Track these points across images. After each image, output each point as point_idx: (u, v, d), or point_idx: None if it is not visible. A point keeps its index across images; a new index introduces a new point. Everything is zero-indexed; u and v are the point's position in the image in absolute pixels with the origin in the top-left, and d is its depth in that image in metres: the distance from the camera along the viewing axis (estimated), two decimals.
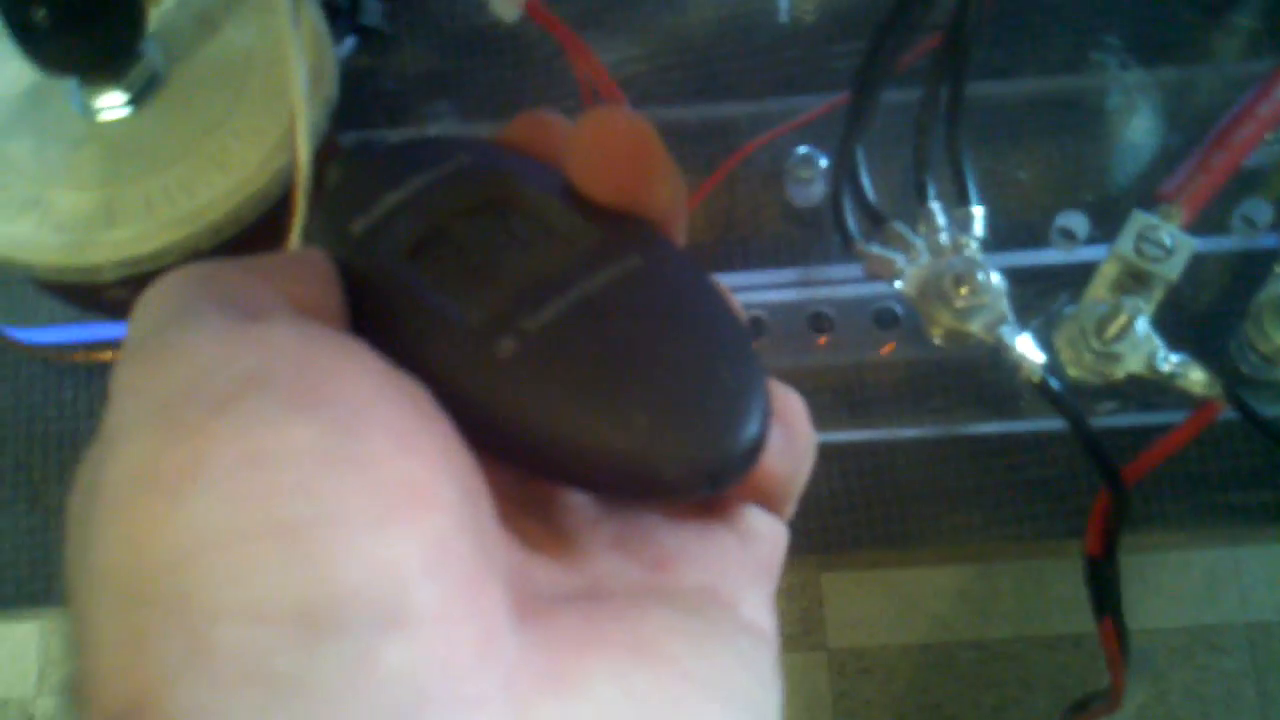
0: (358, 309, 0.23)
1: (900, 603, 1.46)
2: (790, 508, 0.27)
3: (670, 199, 0.24)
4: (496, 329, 0.21)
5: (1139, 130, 0.48)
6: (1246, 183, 0.46)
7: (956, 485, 0.46)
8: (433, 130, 0.50)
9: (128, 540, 0.16)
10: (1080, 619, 0.58)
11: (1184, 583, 1.35)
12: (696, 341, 0.22)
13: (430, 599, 0.16)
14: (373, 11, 0.50)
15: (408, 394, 0.19)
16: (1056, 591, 1.38)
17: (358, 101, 0.50)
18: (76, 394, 0.49)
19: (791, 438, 0.25)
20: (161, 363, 0.18)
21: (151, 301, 0.20)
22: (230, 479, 0.16)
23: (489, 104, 0.51)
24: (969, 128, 0.46)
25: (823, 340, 0.44)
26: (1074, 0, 0.51)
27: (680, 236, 0.25)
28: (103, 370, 0.49)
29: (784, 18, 0.51)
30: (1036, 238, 0.47)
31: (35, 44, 0.38)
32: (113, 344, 0.49)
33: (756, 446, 0.22)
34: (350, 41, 0.49)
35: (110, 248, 0.39)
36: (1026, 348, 0.41)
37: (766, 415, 0.22)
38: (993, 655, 1.41)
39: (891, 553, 0.46)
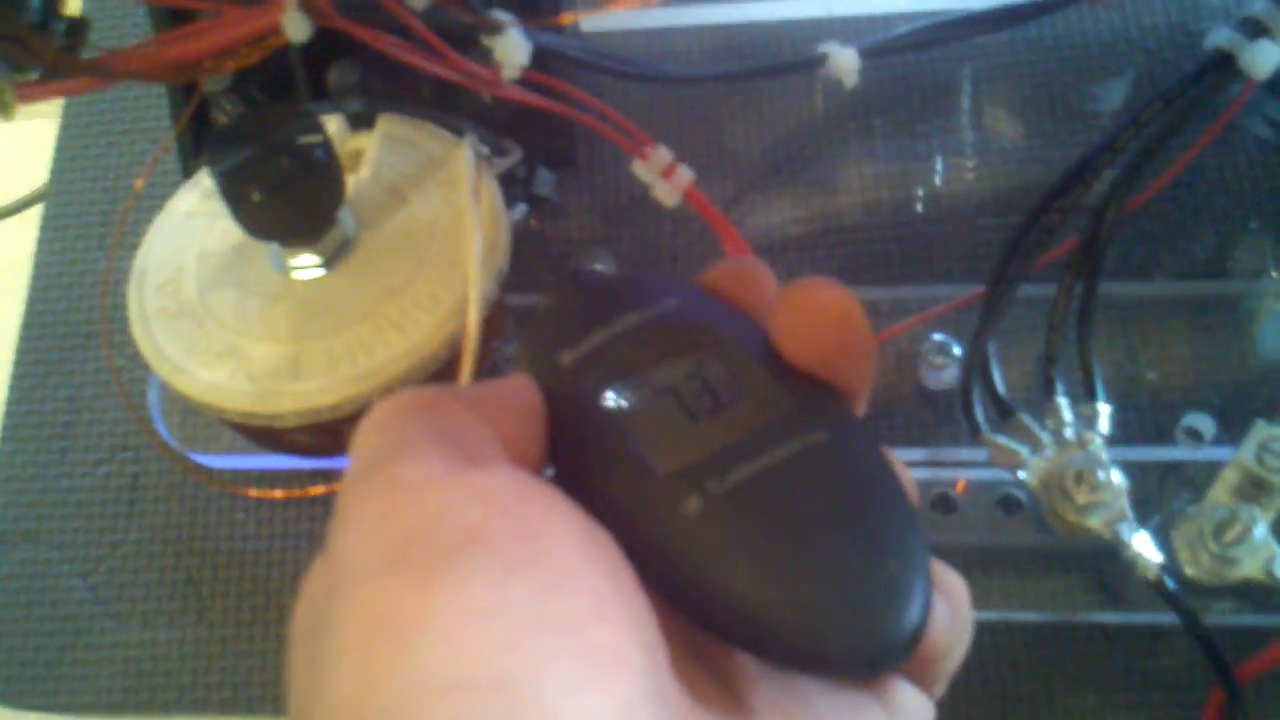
0: (558, 435, 0.25)
1: None
2: (941, 687, 0.28)
3: (863, 373, 0.26)
4: (686, 486, 0.23)
5: (1272, 335, 0.50)
6: None
7: (1073, 670, 0.47)
8: None
9: (362, 678, 0.18)
10: None
11: None
12: (869, 525, 0.24)
13: None
14: (545, 182, 0.54)
15: (606, 557, 0.21)
16: None
17: (524, 262, 0.54)
18: (247, 516, 0.54)
19: (952, 618, 0.26)
20: (391, 503, 0.20)
21: (373, 429, 0.22)
22: (455, 631, 0.18)
23: (645, 264, 0.55)
24: (1102, 323, 0.48)
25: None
26: (1220, 201, 0.53)
27: (863, 408, 0.27)
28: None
29: (921, 207, 0.54)
30: (1163, 436, 0.48)
31: (247, 215, 0.43)
32: (282, 475, 0.53)
33: (915, 637, 0.23)
34: (521, 208, 0.53)
35: (294, 398, 0.43)
36: (1144, 546, 0.42)
37: (927, 607, 0.24)
38: None
39: None
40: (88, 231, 0.60)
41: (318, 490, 0.53)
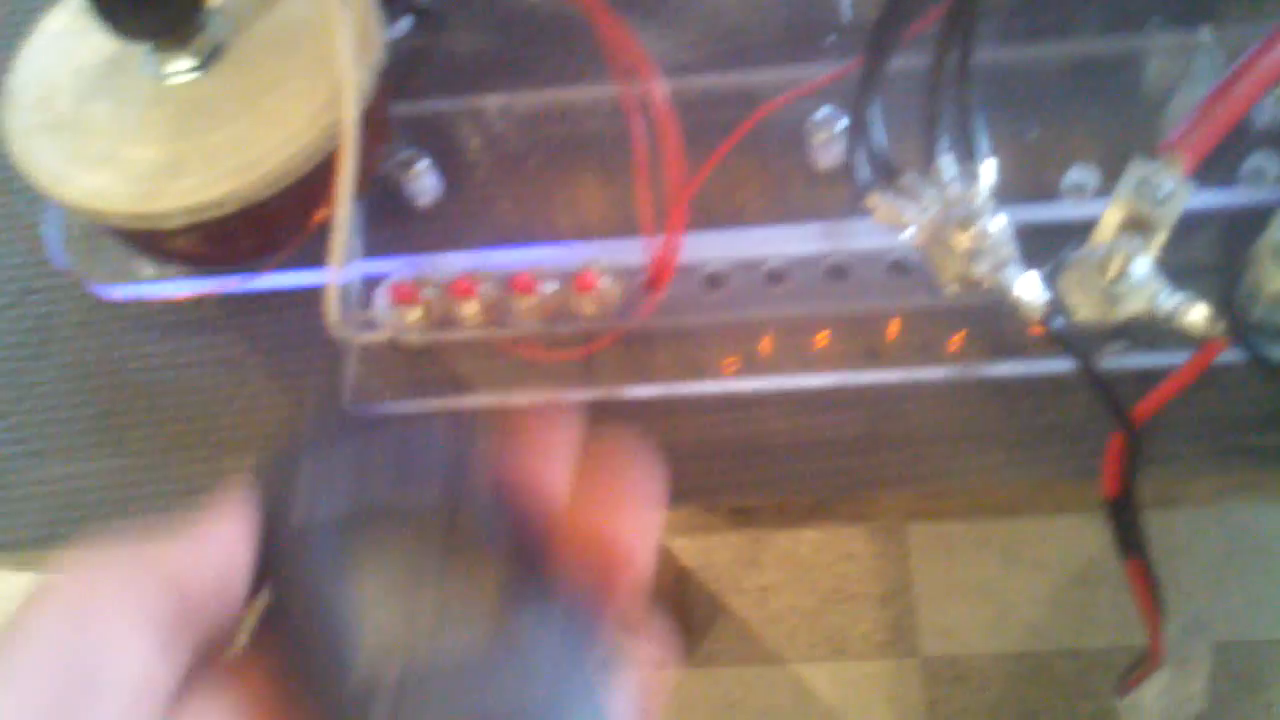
0: (280, 594, 0.25)
1: (995, 610, 1.45)
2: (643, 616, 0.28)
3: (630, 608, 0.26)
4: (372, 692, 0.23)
5: (1155, 89, 0.50)
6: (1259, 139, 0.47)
7: (976, 428, 0.48)
8: (486, 99, 0.53)
9: None
10: None
11: None
12: None
13: None
14: None
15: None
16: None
17: (413, 77, 0.54)
18: (158, 347, 0.54)
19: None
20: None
21: (15, 622, 0.23)
22: None
23: (532, 77, 0.55)
24: (987, 93, 0.48)
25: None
26: None
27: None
28: (179, 322, 0.53)
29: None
30: (1050, 194, 0.48)
31: (112, 15, 0.42)
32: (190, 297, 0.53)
33: None
34: (406, 21, 0.53)
35: (176, 195, 0.43)
36: (1029, 288, 0.43)
37: None
38: (1090, 664, 1.40)
39: (909, 492, 0.48)
40: None
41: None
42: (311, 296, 0.47)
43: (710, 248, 0.47)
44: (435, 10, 0.54)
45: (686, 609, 1.72)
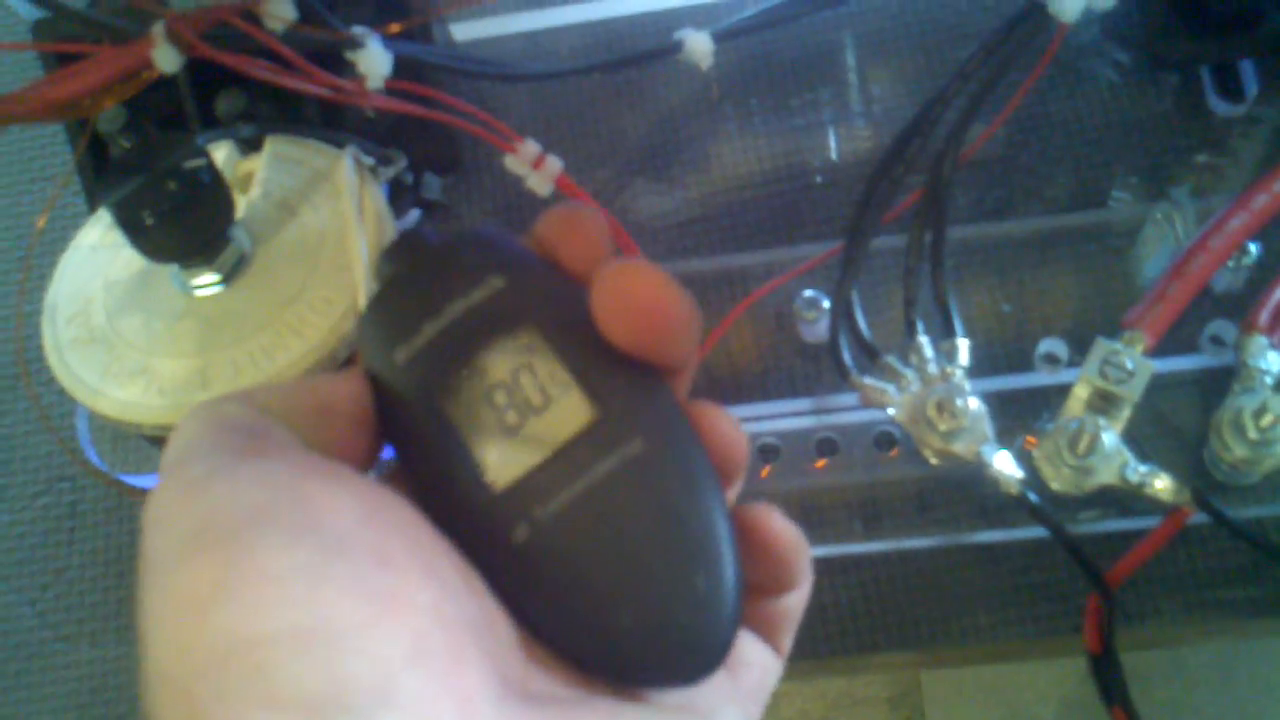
0: (397, 429, 0.27)
1: (1003, 710, 1.45)
2: (787, 640, 0.30)
3: (681, 353, 0.27)
4: (512, 512, 0.26)
5: (1123, 258, 0.53)
6: (1218, 305, 0.51)
7: (964, 591, 0.50)
8: None
9: (175, 648, 0.21)
10: None
11: None
12: (680, 547, 0.26)
13: (413, 683, 0.21)
14: (432, 187, 0.57)
15: (390, 517, 0.24)
16: (1161, 695, 1.38)
17: None
18: None
19: (791, 576, 0.28)
20: (183, 499, 0.23)
21: (174, 439, 0.25)
22: (249, 595, 0.21)
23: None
24: (961, 266, 0.51)
25: (821, 463, 0.50)
26: (1073, 143, 0.56)
27: (687, 385, 0.29)
28: None
29: (792, 174, 0.57)
30: (1024, 366, 0.51)
31: (143, 240, 0.46)
32: None
33: (725, 647, 0.26)
34: (414, 214, 0.56)
35: None
36: (1004, 464, 0.46)
37: (735, 617, 0.26)
38: None
39: (907, 654, 0.50)
40: (3, 278, 0.63)
41: None
42: None
43: None
44: (441, 203, 0.57)
45: None
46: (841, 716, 1.60)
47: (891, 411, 0.48)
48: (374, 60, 0.47)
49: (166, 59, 0.45)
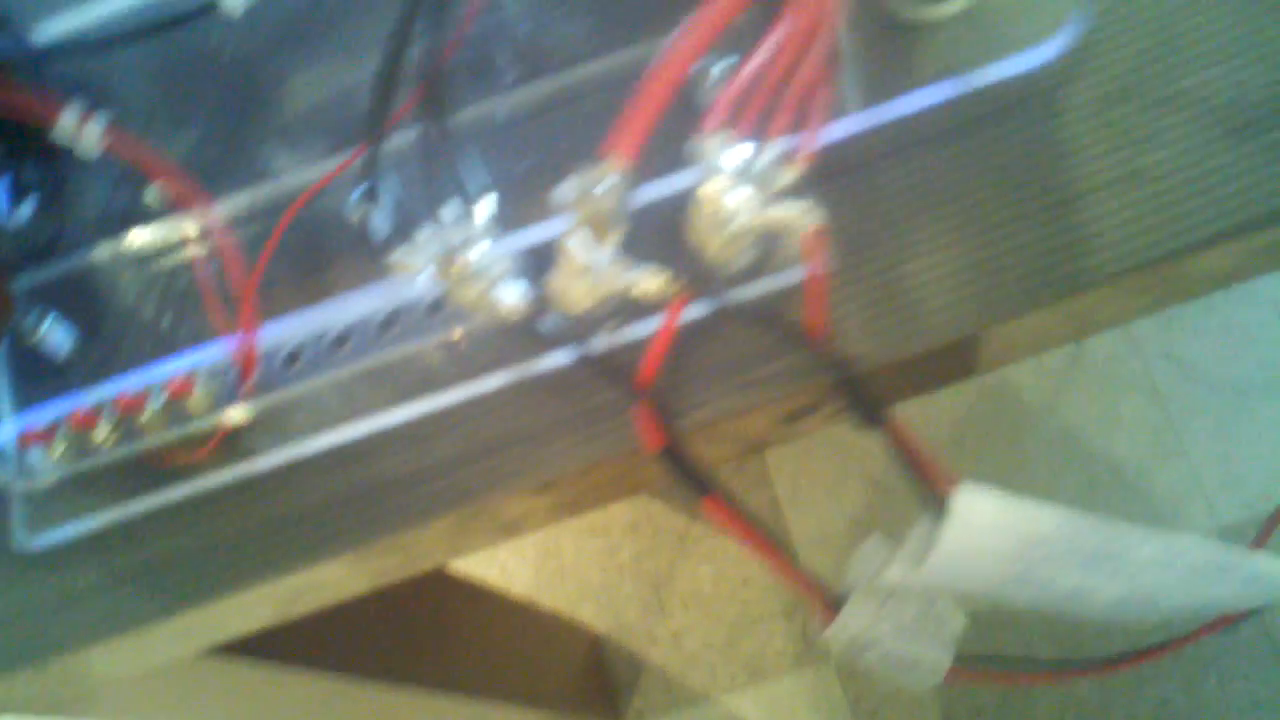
0: None
1: None
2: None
3: None
4: None
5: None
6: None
7: (540, 420, 0.56)
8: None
9: None
10: None
11: None
12: None
13: None
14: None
15: None
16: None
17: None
18: None
19: None
20: None
21: None
22: None
23: None
24: (484, 144, 0.57)
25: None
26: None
27: None
28: None
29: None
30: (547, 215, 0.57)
31: None
32: None
33: None
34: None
35: None
36: (513, 298, 0.52)
37: None
38: None
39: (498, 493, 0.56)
40: None
41: None
42: None
43: (285, 331, 0.56)
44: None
45: (607, 673, 1.78)
46: (743, 639, 1.67)
47: (426, 275, 0.53)
48: None
49: None
